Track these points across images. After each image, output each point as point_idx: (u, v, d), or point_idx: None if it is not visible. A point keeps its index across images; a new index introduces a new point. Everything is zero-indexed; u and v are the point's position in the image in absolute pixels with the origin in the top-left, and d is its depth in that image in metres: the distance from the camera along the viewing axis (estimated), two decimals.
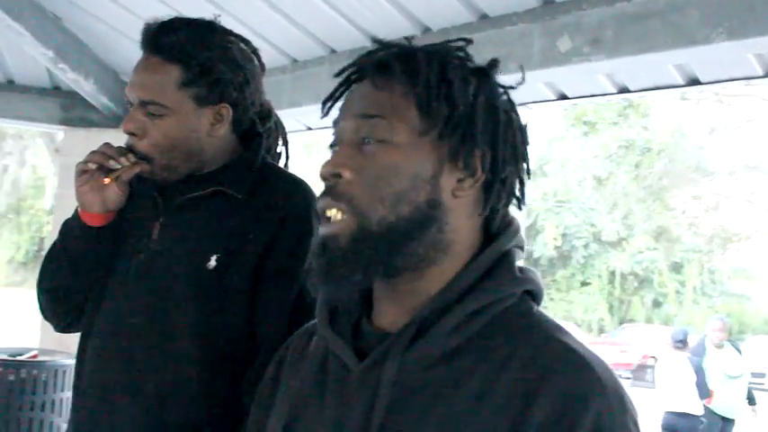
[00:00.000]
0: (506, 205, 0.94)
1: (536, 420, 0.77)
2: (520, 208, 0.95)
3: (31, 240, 29.18)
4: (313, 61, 3.36)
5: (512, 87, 0.94)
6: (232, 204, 1.40)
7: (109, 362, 1.40)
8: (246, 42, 1.49)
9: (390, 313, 0.91)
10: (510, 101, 0.94)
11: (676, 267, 25.87)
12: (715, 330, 6.85)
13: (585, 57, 2.38)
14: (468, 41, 0.94)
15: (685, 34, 2.17)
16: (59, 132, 4.67)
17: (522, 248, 0.94)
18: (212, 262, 1.34)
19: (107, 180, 1.39)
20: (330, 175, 0.88)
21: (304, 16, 3.05)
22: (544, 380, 0.79)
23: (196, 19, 1.44)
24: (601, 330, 25.09)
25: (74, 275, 1.46)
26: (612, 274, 26.22)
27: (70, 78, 3.90)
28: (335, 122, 0.93)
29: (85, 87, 3.95)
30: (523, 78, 0.95)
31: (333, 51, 3.25)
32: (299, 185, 1.43)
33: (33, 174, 26.95)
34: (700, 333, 7.72)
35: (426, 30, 2.86)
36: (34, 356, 4.04)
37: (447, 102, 0.87)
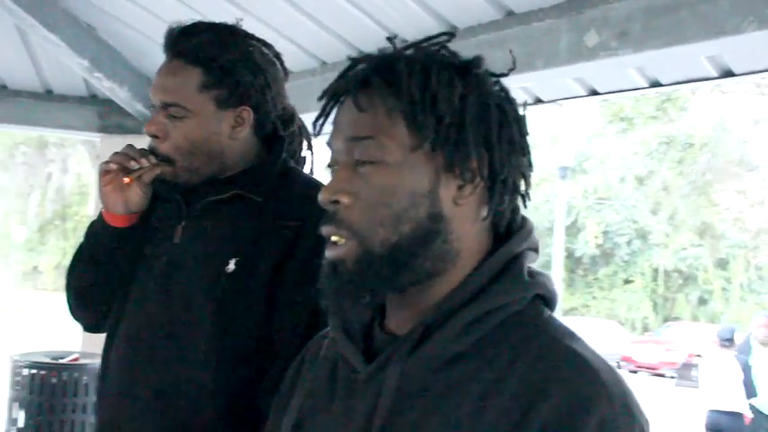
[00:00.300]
0: (511, 204, 0.92)
1: (538, 425, 0.76)
2: (525, 205, 0.93)
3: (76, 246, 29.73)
4: (342, 63, 3.33)
5: (503, 75, 0.92)
6: (252, 208, 1.41)
7: (131, 364, 1.42)
8: (268, 46, 1.50)
9: (400, 318, 0.91)
10: (503, 90, 0.91)
11: (722, 264, 25.35)
12: (760, 327, 6.69)
13: (613, 51, 2.35)
14: (451, 35, 0.92)
15: (715, 24, 2.12)
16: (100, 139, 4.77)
17: (535, 251, 0.92)
18: (231, 266, 1.35)
19: (127, 180, 1.41)
20: (329, 201, 0.88)
21: (330, 18, 3.06)
22: (547, 384, 0.78)
23: (218, 23, 1.46)
24: (645, 329, 24.71)
25: (98, 276, 1.49)
26: (656, 271, 25.81)
27: (106, 86, 3.98)
28: (329, 143, 0.93)
29: (120, 95, 4.02)
30: (514, 67, 0.93)
31: (361, 53, 3.25)
32: (318, 189, 1.43)
33: (78, 181, 27.55)
34: (747, 331, 7.56)
35: (453, 28, 2.84)
36: (75, 359, 4.13)
37: (434, 112, 0.85)
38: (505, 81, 0.94)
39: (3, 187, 29.13)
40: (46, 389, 3.92)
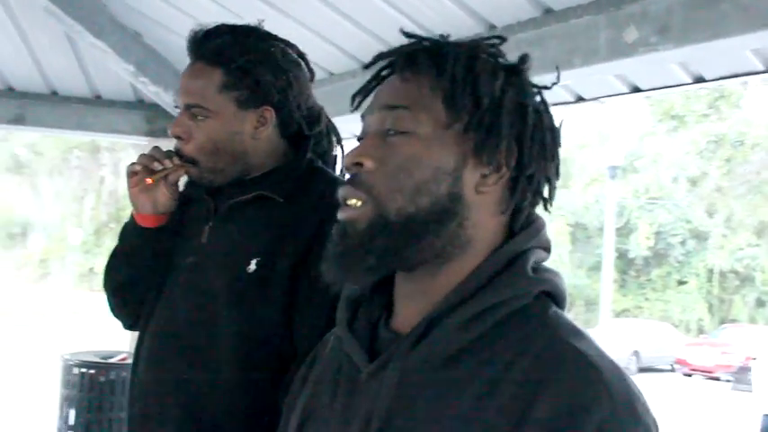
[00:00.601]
0: (533, 204, 0.91)
1: (537, 425, 0.74)
2: (546, 209, 0.92)
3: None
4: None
5: (546, 87, 0.92)
6: (274, 208, 1.42)
7: (157, 361, 1.45)
8: (292, 46, 1.51)
9: (406, 314, 0.90)
10: (543, 101, 0.91)
11: None
12: None
13: (653, 47, 2.30)
14: (503, 39, 0.92)
15: (758, 17, 2.06)
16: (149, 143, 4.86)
17: (546, 249, 0.91)
18: (252, 266, 1.36)
19: (149, 181, 1.44)
20: (352, 164, 0.89)
21: (368, 19, 3.07)
22: (547, 383, 0.76)
23: (240, 24, 1.48)
24: (700, 331, 24.15)
25: (132, 276, 1.52)
26: (711, 272, 25.21)
27: (151, 91, 4.06)
28: (363, 116, 0.93)
29: (166, 99, 4.09)
30: (557, 79, 0.92)
31: None
32: (338, 186, 1.43)
33: None
34: None
35: (491, 27, 2.83)
36: (124, 359, 4.22)
37: (473, 95, 0.86)
38: (545, 79, 0.94)
39: (59, 191, 29.95)
40: (95, 387, 4.02)
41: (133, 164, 1.47)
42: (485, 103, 0.86)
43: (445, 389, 0.81)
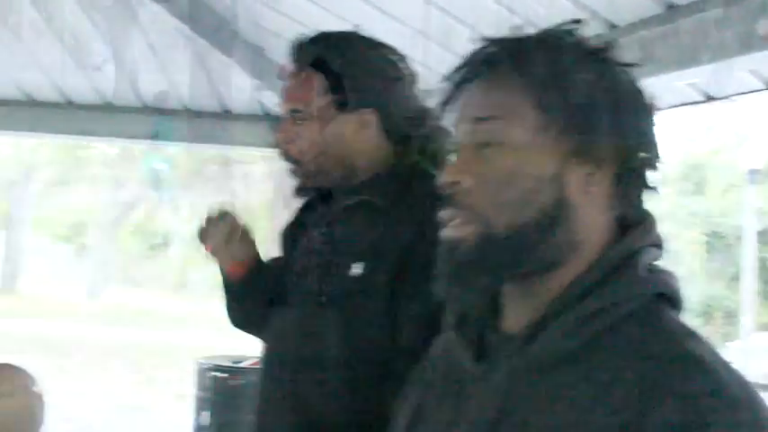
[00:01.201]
0: (639, 196, 0.87)
1: None
2: (653, 198, 0.88)
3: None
4: None
5: (633, 65, 0.87)
6: (376, 212, 1.43)
7: (271, 366, 1.50)
8: (392, 50, 1.52)
9: (515, 316, 0.87)
10: (633, 79, 0.87)
11: None
12: None
13: None
14: (579, 22, 0.88)
15: None
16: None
17: (659, 246, 0.86)
18: (355, 270, 1.38)
19: (208, 249, 1.55)
20: (449, 183, 0.86)
21: (481, 20, 3.04)
22: (662, 391, 0.72)
23: (339, 31, 1.52)
24: None
25: (248, 312, 1.62)
26: None
27: (275, 103, 4.20)
28: (453, 126, 0.91)
29: None
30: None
31: None
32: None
33: (260, 196, 29.17)
34: None
35: (613, 26, 2.74)
36: (255, 363, 4.37)
37: (563, 95, 0.82)
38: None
39: (194, 203, 31.51)
40: (227, 391, 4.18)
41: (198, 232, 1.56)
42: (578, 100, 0.82)
43: (555, 391, 0.79)
